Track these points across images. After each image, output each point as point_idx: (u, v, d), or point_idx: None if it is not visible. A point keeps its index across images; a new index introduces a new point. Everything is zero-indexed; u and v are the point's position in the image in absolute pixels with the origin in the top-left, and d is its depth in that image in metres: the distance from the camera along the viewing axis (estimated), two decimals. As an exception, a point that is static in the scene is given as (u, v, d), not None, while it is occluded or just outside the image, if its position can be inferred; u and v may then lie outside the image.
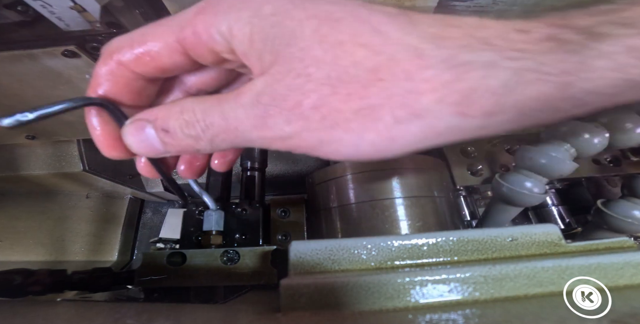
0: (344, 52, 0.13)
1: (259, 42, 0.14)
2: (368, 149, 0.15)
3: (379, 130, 0.14)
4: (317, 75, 0.14)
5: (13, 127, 0.16)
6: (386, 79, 0.13)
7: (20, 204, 0.58)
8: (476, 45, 0.13)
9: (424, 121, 0.14)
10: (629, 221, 0.27)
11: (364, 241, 0.20)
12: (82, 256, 0.56)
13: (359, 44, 0.13)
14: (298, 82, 0.14)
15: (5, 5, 0.25)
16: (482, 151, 0.37)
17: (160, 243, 0.45)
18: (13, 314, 0.20)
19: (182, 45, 0.16)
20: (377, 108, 0.14)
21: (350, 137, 0.14)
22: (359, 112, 0.14)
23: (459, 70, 0.13)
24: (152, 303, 0.24)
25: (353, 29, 0.13)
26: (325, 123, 0.14)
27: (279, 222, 0.34)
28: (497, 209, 0.31)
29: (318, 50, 0.13)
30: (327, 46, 0.13)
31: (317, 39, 0.13)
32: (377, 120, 0.14)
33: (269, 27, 0.14)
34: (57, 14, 0.25)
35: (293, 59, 0.14)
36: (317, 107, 0.14)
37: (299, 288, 0.17)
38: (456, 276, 0.17)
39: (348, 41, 0.13)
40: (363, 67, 0.13)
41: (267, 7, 0.14)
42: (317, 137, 0.15)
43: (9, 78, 0.33)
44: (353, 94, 0.14)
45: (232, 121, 0.15)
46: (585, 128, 0.26)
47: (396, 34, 0.13)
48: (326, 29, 0.13)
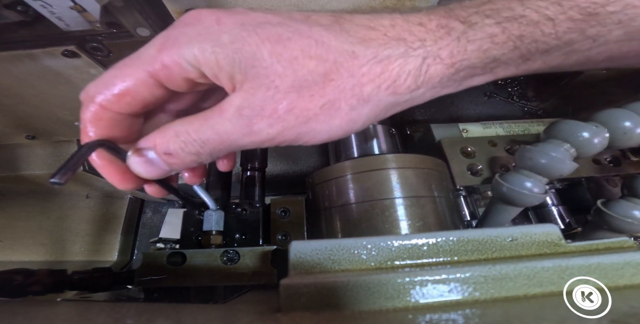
0: (299, 65, 0.17)
1: (227, 66, 0.17)
2: (337, 131, 0.19)
3: (342, 116, 0.18)
4: (283, 86, 0.17)
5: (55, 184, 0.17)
6: (335, 78, 0.17)
7: (20, 204, 0.58)
8: (392, 43, 0.18)
9: (370, 103, 0.18)
10: (629, 221, 0.27)
11: (364, 241, 0.20)
12: (82, 256, 0.56)
13: (308, 56, 0.17)
14: (270, 93, 0.17)
15: (5, 5, 0.25)
16: (482, 151, 0.37)
17: (160, 242, 0.45)
18: (13, 314, 0.20)
19: (156, 79, 0.18)
20: (335, 101, 0.18)
21: (322, 126, 0.18)
22: (323, 107, 0.18)
23: (384, 63, 0.18)
24: (152, 303, 0.24)
25: (301, 45, 0.17)
26: (300, 120, 0.18)
27: (279, 222, 0.34)
28: (497, 209, 0.31)
29: (279, 67, 0.17)
30: (285, 63, 0.17)
31: (275, 58, 0.17)
32: (338, 109, 0.18)
33: (232, 53, 0.17)
34: (57, 14, 0.25)
35: (260, 76, 0.17)
36: (290, 110, 0.18)
37: (299, 288, 0.17)
38: (456, 276, 0.17)
39: (300, 56, 0.17)
40: (316, 74, 0.17)
41: (224, 37, 0.17)
42: (296, 132, 0.18)
43: (9, 78, 0.33)
44: (315, 94, 0.18)
45: (224, 134, 0.18)
46: (585, 128, 0.26)
47: (334, 42, 0.17)
48: (280, 49, 0.17)
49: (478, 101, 0.52)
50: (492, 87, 0.52)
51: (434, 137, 0.39)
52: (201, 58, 0.17)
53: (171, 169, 0.20)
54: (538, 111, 0.51)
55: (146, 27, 0.28)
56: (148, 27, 0.28)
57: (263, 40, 0.17)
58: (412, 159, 0.31)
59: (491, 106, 0.52)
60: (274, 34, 0.17)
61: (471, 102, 0.52)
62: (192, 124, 0.18)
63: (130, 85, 0.18)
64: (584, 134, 0.26)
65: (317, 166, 0.54)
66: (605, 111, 0.27)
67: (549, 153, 0.27)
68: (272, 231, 0.33)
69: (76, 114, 0.19)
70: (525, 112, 0.51)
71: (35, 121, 0.42)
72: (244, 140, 0.18)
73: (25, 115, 0.40)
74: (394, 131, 0.38)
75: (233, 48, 0.17)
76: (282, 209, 0.34)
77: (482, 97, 0.52)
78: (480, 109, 0.52)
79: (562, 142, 0.27)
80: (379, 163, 0.31)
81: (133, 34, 0.28)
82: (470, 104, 0.52)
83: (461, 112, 0.52)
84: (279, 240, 0.33)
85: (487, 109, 0.52)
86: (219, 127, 0.18)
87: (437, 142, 0.38)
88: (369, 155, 0.34)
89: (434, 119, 0.52)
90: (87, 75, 0.33)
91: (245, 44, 0.17)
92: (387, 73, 0.18)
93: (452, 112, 0.52)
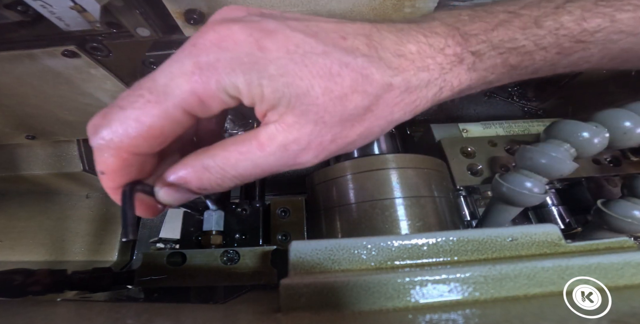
0: (348, 101, 0.17)
1: (272, 99, 0.16)
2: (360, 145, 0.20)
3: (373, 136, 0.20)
4: (331, 121, 0.17)
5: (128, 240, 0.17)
6: (374, 110, 0.18)
7: (20, 204, 0.58)
8: (419, 74, 0.19)
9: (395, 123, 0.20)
10: (629, 221, 0.27)
11: (364, 241, 0.20)
12: (82, 256, 0.56)
13: (356, 92, 0.17)
14: (317, 128, 0.17)
15: (5, 5, 0.25)
16: (482, 151, 0.37)
17: (160, 242, 0.45)
18: (13, 314, 0.20)
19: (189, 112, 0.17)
20: (371, 128, 0.19)
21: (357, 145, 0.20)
22: (361, 135, 0.19)
23: (412, 92, 0.19)
24: (152, 303, 0.24)
25: (350, 81, 0.17)
26: (340, 147, 0.19)
27: (279, 222, 0.34)
28: (497, 209, 0.31)
29: (329, 103, 0.17)
30: (336, 100, 0.17)
31: (328, 96, 0.17)
32: (372, 133, 0.19)
33: (282, 87, 0.16)
34: (57, 14, 0.25)
35: (309, 112, 0.17)
36: (333, 140, 0.18)
37: (299, 288, 0.17)
38: (456, 276, 0.17)
39: (349, 93, 0.17)
40: (361, 108, 0.18)
41: (272, 68, 0.16)
42: (335, 153, 0.19)
43: (9, 78, 0.33)
44: (355, 124, 0.18)
45: (266, 166, 0.18)
46: (585, 128, 0.26)
47: (377, 76, 0.18)
48: (332, 85, 0.17)
49: (478, 101, 0.52)
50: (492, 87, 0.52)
51: (434, 137, 0.39)
52: (245, 90, 0.16)
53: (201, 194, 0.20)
54: (538, 111, 0.51)
55: (146, 27, 0.28)
56: (148, 27, 0.28)
57: (314, 76, 0.16)
58: (412, 159, 0.31)
59: (491, 106, 0.52)
60: (323, 67, 0.17)
61: (471, 102, 0.52)
62: (226, 158, 0.17)
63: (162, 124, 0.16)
64: (584, 134, 0.26)
65: (317, 166, 0.54)
66: (605, 111, 0.27)
67: (549, 153, 0.27)
68: (272, 231, 0.33)
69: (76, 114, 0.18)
70: (525, 112, 0.51)
71: (35, 121, 0.42)
72: (285, 169, 0.19)
73: (25, 115, 0.40)
74: (394, 131, 0.38)
75: (284, 82, 0.16)
76: (282, 209, 0.34)
77: (482, 97, 0.52)
78: (480, 109, 0.52)
79: (562, 142, 0.27)
80: (379, 163, 0.31)
81: (133, 34, 0.28)
82: (470, 104, 0.52)
83: (461, 112, 0.52)
84: (279, 240, 0.33)
85: (487, 109, 0.52)
86: (261, 162, 0.18)
87: (437, 142, 0.38)
88: (369, 155, 0.34)
89: (434, 119, 0.52)
90: (87, 75, 0.33)
91: (296, 78, 0.16)
92: (412, 100, 0.19)
93: (452, 112, 0.52)
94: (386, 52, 0.18)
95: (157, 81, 0.16)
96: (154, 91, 0.16)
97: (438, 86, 0.19)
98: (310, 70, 0.16)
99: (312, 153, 0.18)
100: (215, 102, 0.16)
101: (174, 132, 0.17)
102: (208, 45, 0.16)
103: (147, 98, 0.16)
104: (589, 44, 0.21)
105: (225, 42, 0.16)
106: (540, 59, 0.21)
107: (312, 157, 0.18)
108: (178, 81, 0.16)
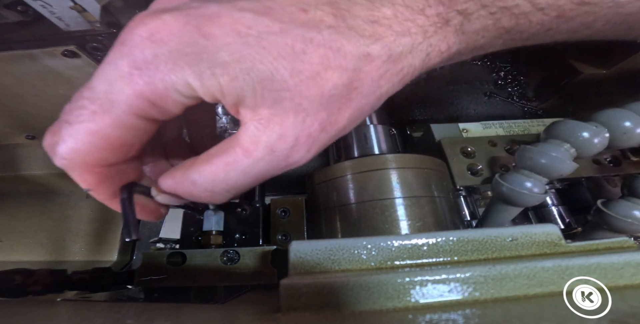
0: (322, 80, 0.15)
1: (234, 90, 0.14)
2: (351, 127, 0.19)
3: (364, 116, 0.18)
4: (312, 107, 0.15)
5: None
6: (358, 86, 0.16)
7: (20, 204, 0.58)
8: (400, 39, 0.16)
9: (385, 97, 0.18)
10: (629, 221, 0.27)
11: (364, 241, 0.20)
12: (82, 256, 0.56)
13: (330, 69, 0.15)
14: (300, 118, 0.15)
15: (5, 5, 0.25)
16: (482, 151, 0.37)
17: (160, 242, 0.45)
18: (13, 314, 0.20)
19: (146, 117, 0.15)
20: (361, 108, 0.17)
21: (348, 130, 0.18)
22: (351, 117, 0.17)
23: (396, 61, 0.17)
24: (152, 303, 0.24)
25: (319, 58, 0.15)
26: (332, 135, 0.17)
27: (279, 222, 0.34)
28: (497, 209, 0.31)
29: (302, 87, 0.15)
30: (309, 81, 0.15)
31: (297, 78, 0.15)
32: (363, 113, 0.18)
33: (240, 74, 0.14)
34: (57, 14, 0.25)
35: (282, 99, 0.15)
36: (323, 129, 0.16)
37: (299, 288, 0.17)
38: (456, 276, 0.17)
39: (321, 71, 0.15)
40: (341, 86, 0.16)
41: (223, 55, 0.14)
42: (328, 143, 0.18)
43: (9, 78, 0.33)
44: (342, 107, 0.16)
45: (257, 173, 0.16)
46: (585, 128, 0.26)
47: (349, 47, 0.15)
48: (299, 65, 0.15)
49: (478, 101, 0.52)
50: (492, 87, 0.52)
51: (434, 137, 0.39)
52: (197, 84, 0.14)
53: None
54: (538, 111, 0.51)
55: (146, 27, 0.28)
56: (148, 27, 0.28)
57: (276, 58, 0.14)
58: (412, 159, 0.31)
59: (491, 106, 0.52)
60: (284, 47, 0.14)
61: (471, 102, 0.52)
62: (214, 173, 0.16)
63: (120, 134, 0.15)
64: (584, 134, 0.26)
65: (317, 166, 0.54)
66: (605, 111, 0.27)
67: (549, 153, 0.27)
68: (272, 231, 0.33)
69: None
70: (525, 112, 0.51)
71: (35, 121, 0.42)
72: (279, 171, 0.17)
73: (25, 115, 0.40)
74: (394, 131, 0.38)
75: (241, 69, 0.14)
76: (282, 209, 0.34)
77: (482, 97, 0.52)
78: (480, 109, 0.52)
79: (562, 142, 0.27)
80: (379, 163, 0.31)
81: (133, 34, 0.28)
82: (470, 104, 0.52)
83: (461, 112, 0.52)
84: (279, 240, 0.33)
85: (487, 109, 0.52)
86: (250, 170, 0.16)
87: (437, 142, 0.38)
88: (369, 155, 0.34)
89: (434, 119, 0.52)
90: (87, 75, 0.33)
91: (255, 62, 0.14)
92: (399, 70, 0.17)
93: (452, 112, 0.52)
94: (357, 20, 0.16)
95: (95, 88, 0.14)
96: (95, 100, 0.14)
97: (424, 52, 0.17)
98: (269, 52, 0.14)
99: (304, 149, 0.16)
100: (169, 103, 0.15)
101: (137, 138, 0.16)
102: (139, 41, 0.14)
103: (91, 109, 0.14)
104: (593, 6, 0.18)
105: (159, 34, 0.14)
106: (537, 22, 0.18)
107: (304, 152, 0.17)
108: (118, 85, 0.14)
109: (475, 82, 0.52)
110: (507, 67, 0.52)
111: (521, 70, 0.51)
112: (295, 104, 0.15)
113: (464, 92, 0.52)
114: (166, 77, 0.14)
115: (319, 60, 0.15)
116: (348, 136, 0.36)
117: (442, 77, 0.50)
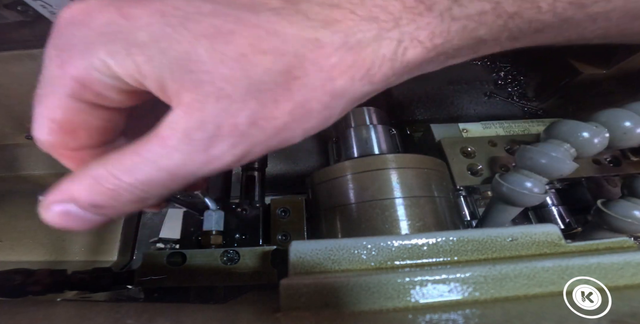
0: (250, 64, 0.13)
1: (152, 72, 0.13)
2: (312, 131, 0.16)
3: (315, 117, 0.15)
4: (237, 94, 0.13)
5: None
6: (301, 75, 0.14)
7: (20, 204, 0.58)
8: (362, 24, 0.14)
9: (345, 97, 0.15)
10: (629, 221, 0.27)
11: (364, 241, 0.20)
12: (82, 256, 0.56)
13: (261, 52, 0.13)
14: (222, 105, 0.13)
15: (5, 5, 0.25)
16: (482, 151, 0.37)
17: (160, 242, 0.45)
18: (13, 314, 0.20)
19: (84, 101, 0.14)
20: (306, 103, 0.14)
21: (295, 132, 0.15)
22: (293, 112, 0.14)
23: (355, 50, 0.14)
24: (152, 303, 0.24)
25: (248, 38, 0.13)
26: (268, 133, 0.15)
27: (279, 222, 0.34)
28: (497, 209, 0.31)
29: (224, 70, 0.13)
30: (232, 64, 0.13)
31: (218, 58, 0.13)
32: (310, 111, 0.15)
33: (157, 55, 0.13)
34: (57, 13, 0.25)
35: (202, 83, 0.13)
36: (253, 122, 0.14)
37: (299, 288, 0.17)
38: (456, 276, 0.17)
39: (249, 52, 0.13)
40: (275, 72, 0.14)
41: (141, 35, 0.13)
42: (266, 146, 0.15)
43: (9, 78, 0.33)
44: (279, 99, 0.14)
45: (172, 167, 0.14)
46: (585, 128, 0.26)
47: (290, 30, 0.14)
48: (221, 45, 0.13)
49: (478, 101, 0.52)
50: (492, 87, 0.52)
51: (434, 137, 0.39)
52: (113, 64, 0.13)
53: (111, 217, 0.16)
54: (538, 111, 0.51)
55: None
56: (148, 27, 0.28)
57: (196, 37, 0.13)
58: (412, 159, 0.31)
59: (491, 106, 0.52)
60: (209, 27, 0.13)
61: (471, 102, 0.52)
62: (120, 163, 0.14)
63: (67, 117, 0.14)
64: (584, 134, 0.26)
65: (317, 166, 0.54)
66: (605, 111, 0.27)
67: (549, 153, 0.27)
68: (272, 231, 0.33)
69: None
70: (525, 112, 0.51)
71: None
72: (204, 169, 0.15)
73: (25, 115, 0.40)
74: (394, 131, 0.38)
75: (158, 48, 0.13)
76: (282, 209, 0.34)
77: (482, 97, 0.52)
78: (480, 109, 0.52)
79: (562, 142, 0.27)
80: (379, 163, 0.31)
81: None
82: (470, 104, 0.52)
83: (461, 112, 0.52)
84: (279, 240, 0.33)
85: (487, 109, 0.52)
86: (163, 162, 0.14)
87: (437, 142, 0.38)
88: (369, 155, 0.34)
89: (434, 119, 0.52)
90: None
91: (173, 42, 0.13)
92: (359, 61, 0.14)
93: (452, 112, 0.52)
94: (310, 4, 0.14)
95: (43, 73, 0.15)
96: (42, 84, 0.14)
97: (395, 40, 0.14)
98: (190, 31, 0.13)
99: (227, 142, 0.14)
100: (98, 85, 0.14)
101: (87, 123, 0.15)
102: (63, 25, 0.14)
103: (40, 92, 0.15)
104: None
105: (79, 16, 0.14)
106: (547, 9, 0.15)
107: (229, 147, 0.14)
108: (50, 68, 0.14)
109: (475, 82, 0.52)
110: (507, 67, 0.52)
111: (521, 70, 0.51)
112: (217, 88, 0.13)
113: (464, 92, 0.52)
114: (84, 58, 0.13)
115: (247, 42, 0.13)
116: (348, 135, 0.37)
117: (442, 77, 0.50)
